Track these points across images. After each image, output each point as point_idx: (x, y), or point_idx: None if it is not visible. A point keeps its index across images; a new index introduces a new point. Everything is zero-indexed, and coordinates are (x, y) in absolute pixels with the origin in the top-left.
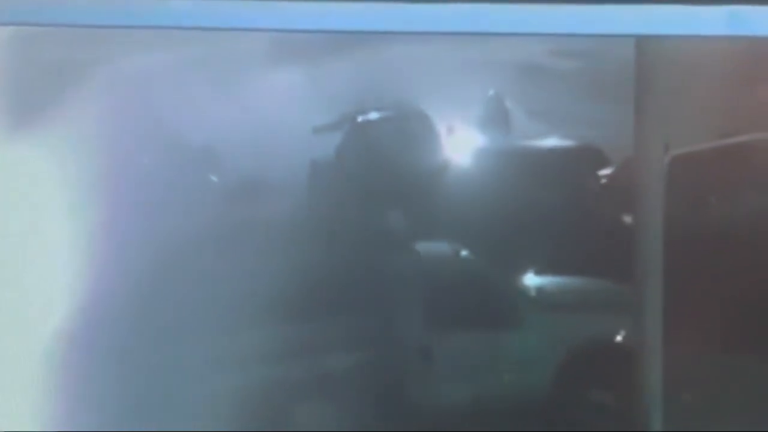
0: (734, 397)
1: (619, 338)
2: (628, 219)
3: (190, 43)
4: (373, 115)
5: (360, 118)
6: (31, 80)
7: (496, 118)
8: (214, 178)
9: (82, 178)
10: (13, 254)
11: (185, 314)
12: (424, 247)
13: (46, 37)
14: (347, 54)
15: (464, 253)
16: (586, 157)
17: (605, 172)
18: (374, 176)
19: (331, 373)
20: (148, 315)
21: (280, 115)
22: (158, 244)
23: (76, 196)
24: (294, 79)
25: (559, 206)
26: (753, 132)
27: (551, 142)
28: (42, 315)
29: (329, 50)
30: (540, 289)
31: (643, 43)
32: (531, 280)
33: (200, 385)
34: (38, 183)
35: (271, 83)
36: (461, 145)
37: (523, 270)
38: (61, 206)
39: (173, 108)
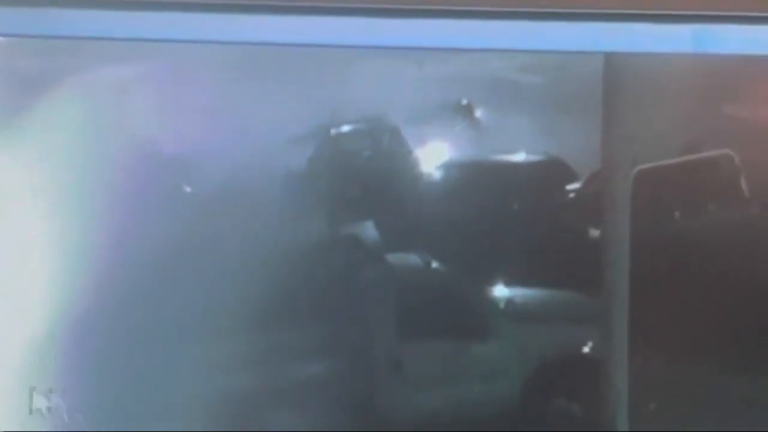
0: (699, 406)
1: (586, 349)
2: (595, 232)
3: (165, 54)
4: (346, 128)
5: (333, 131)
6: (4, 90)
7: (467, 127)
8: (187, 189)
9: (56, 188)
10: None
11: (156, 322)
12: (395, 258)
13: (19, 47)
14: (320, 67)
15: (434, 264)
16: (555, 170)
17: (573, 185)
18: (346, 187)
19: (302, 381)
20: (120, 324)
21: (254, 127)
22: (131, 254)
23: (50, 206)
24: (268, 91)
25: (528, 219)
26: (717, 147)
27: (520, 156)
28: (13, 321)
29: (303, 63)
30: (509, 301)
31: (611, 59)
32: (500, 291)
33: (171, 392)
34: (13, 192)
35: (245, 95)
36: (432, 157)
37: (493, 282)
38: (35, 215)
39: (147, 118)
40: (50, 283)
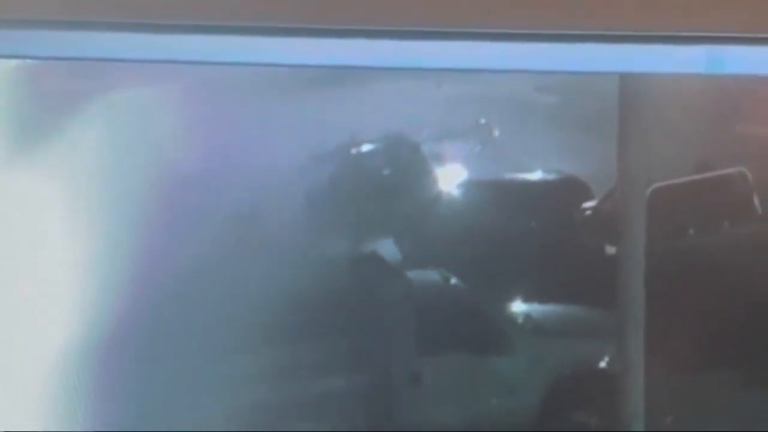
0: (715, 419)
1: (603, 363)
2: (611, 249)
3: (188, 75)
4: (366, 147)
5: (353, 150)
6: (31, 111)
7: (485, 146)
8: (211, 207)
9: (81, 207)
10: (11, 278)
11: (177, 338)
12: (415, 274)
13: (45, 69)
14: (341, 88)
15: (454, 280)
16: (571, 189)
17: (589, 203)
18: (367, 206)
19: (323, 396)
20: (142, 339)
21: (276, 146)
22: (154, 270)
23: (75, 224)
24: (289, 111)
25: (546, 236)
26: (731, 166)
27: (538, 174)
28: (38, 335)
29: (324, 84)
30: (527, 316)
31: (626, 80)
32: (518, 307)
33: (191, 407)
34: (39, 211)
35: (266, 115)
36: (451, 176)
37: (511, 297)
38: (61, 233)
39: (170, 139)
40: (77, 298)
